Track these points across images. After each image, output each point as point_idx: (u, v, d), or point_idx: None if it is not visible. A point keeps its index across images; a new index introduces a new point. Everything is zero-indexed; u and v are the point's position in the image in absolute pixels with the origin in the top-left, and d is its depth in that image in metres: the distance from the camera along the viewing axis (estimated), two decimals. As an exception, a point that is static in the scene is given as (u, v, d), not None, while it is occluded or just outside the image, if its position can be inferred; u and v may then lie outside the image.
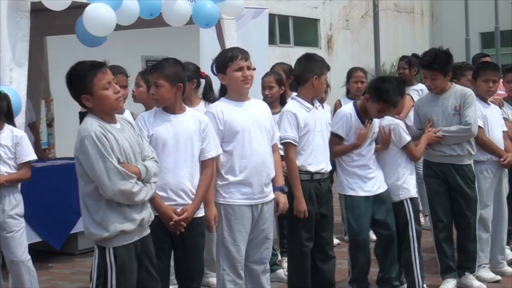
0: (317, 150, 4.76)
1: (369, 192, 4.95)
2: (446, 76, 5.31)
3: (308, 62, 4.85)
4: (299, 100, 4.80)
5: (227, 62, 4.39)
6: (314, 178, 4.75)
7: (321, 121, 4.82)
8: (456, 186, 5.35)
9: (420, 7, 24.83)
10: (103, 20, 5.67)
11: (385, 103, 4.86)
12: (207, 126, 4.24)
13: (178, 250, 4.21)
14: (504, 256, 5.82)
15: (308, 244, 4.77)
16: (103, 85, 3.55)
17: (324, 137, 4.83)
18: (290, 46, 19.27)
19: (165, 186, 4.10)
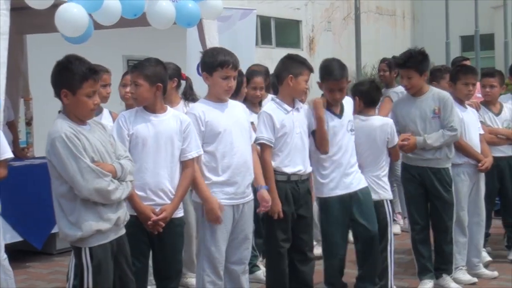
0: (295, 152, 4.74)
1: (346, 189, 4.90)
2: (422, 75, 5.32)
3: (286, 62, 4.84)
4: (278, 101, 4.79)
5: (217, 66, 4.37)
6: (291, 179, 4.74)
7: (301, 123, 4.80)
8: (433, 189, 5.38)
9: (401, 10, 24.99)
10: (75, 21, 5.64)
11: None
12: (188, 126, 4.24)
13: (156, 250, 4.21)
14: (480, 258, 5.87)
15: (284, 245, 4.76)
16: (89, 92, 3.56)
17: (304, 139, 4.80)
18: (272, 47, 19.30)
19: (144, 185, 4.10)
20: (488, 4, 22.20)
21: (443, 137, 5.27)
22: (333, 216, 4.91)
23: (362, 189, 4.95)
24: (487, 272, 5.81)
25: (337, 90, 4.85)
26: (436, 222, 5.45)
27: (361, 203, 4.92)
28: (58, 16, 5.63)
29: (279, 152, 4.72)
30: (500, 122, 6.15)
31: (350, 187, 4.90)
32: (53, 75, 3.59)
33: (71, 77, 3.53)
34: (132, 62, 8.44)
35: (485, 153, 5.76)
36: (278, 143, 4.71)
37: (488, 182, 5.95)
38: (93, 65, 3.65)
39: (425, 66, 5.36)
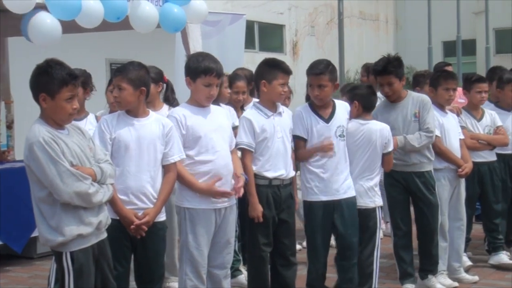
0: (276, 156, 4.74)
1: (332, 196, 4.89)
2: (401, 80, 5.36)
3: (259, 68, 4.84)
4: (259, 106, 4.79)
5: (200, 73, 4.37)
6: (272, 183, 4.73)
7: (282, 127, 4.79)
8: (419, 193, 5.41)
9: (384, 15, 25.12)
10: (47, 32, 5.62)
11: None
12: (170, 130, 4.24)
13: (138, 254, 4.20)
14: (461, 263, 5.90)
15: (265, 249, 4.76)
16: (67, 96, 3.54)
17: (286, 144, 4.80)
18: (255, 51, 19.32)
19: (126, 189, 4.09)
20: (470, 10, 22.38)
21: (420, 138, 5.31)
22: (316, 221, 4.91)
23: (348, 198, 4.92)
24: (468, 276, 5.85)
25: (316, 86, 4.85)
26: (422, 225, 5.48)
27: (344, 212, 4.90)
28: (31, 25, 5.61)
29: (260, 156, 4.72)
30: (481, 128, 6.19)
31: (336, 195, 4.88)
32: (32, 79, 3.57)
33: (51, 81, 3.51)
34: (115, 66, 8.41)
35: (465, 158, 5.80)
36: (259, 148, 4.70)
37: (468, 187, 5.99)
38: (73, 70, 3.63)
39: (402, 71, 5.41)
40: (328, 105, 4.95)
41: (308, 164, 4.92)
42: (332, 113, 4.93)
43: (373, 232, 5.08)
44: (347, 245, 4.94)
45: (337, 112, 4.94)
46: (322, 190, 4.88)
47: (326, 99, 4.91)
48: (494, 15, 21.26)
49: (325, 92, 4.86)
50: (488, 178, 6.22)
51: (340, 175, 4.90)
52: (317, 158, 4.88)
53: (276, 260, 4.85)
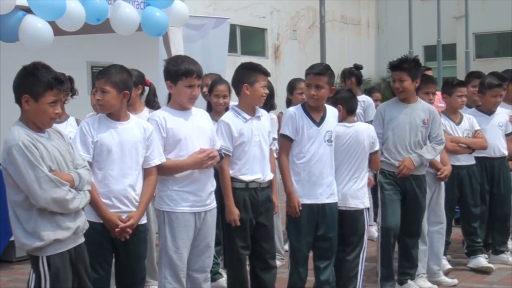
0: (253, 160, 4.74)
1: (316, 199, 4.92)
2: (414, 81, 5.41)
3: (238, 72, 4.84)
4: (237, 110, 4.79)
5: (181, 75, 4.37)
6: (249, 186, 4.73)
7: (260, 131, 4.80)
8: (412, 195, 5.47)
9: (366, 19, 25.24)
10: (39, 36, 5.60)
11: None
12: (151, 134, 4.25)
13: (120, 256, 4.20)
14: (441, 266, 5.95)
15: (243, 252, 4.77)
16: (51, 100, 3.54)
17: (263, 147, 4.80)
18: (237, 55, 19.32)
19: (109, 193, 4.09)
20: (450, 14, 22.55)
21: (435, 150, 5.46)
22: (299, 223, 4.92)
23: (332, 203, 4.96)
24: (447, 279, 5.90)
25: (314, 85, 4.89)
26: (409, 226, 5.52)
27: (327, 216, 4.94)
28: (22, 30, 5.59)
29: (237, 160, 4.72)
30: (460, 131, 6.25)
31: (319, 199, 4.92)
32: (17, 79, 3.56)
33: (36, 83, 3.51)
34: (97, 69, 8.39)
35: (444, 162, 5.86)
36: (236, 152, 4.71)
37: (448, 191, 6.04)
38: (60, 74, 3.62)
39: (417, 73, 5.45)
40: (320, 109, 4.99)
41: (293, 167, 4.94)
42: (323, 117, 4.97)
43: (362, 234, 5.14)
44: (327, 248, 4.98)
45: (328, 117, 4.98)
46: (306, 193, 4.91)
47: (322, 100, 4.95)
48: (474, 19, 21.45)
49: (322, 93, 4.91)
50: (467, 182, 6.28)
51: (324, 180, 4.93)
52: (303, 161, 4.90)
53: (255, 263, 4.86)
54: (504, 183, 6.61)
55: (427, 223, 5.76)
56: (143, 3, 6.67)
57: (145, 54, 8.01)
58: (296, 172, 4.93)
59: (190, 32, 8.39)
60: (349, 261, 5.10)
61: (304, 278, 5.02)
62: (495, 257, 6.58)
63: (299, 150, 4.93)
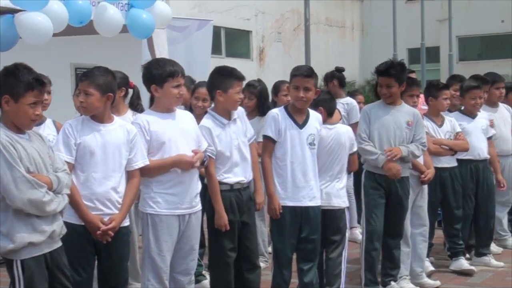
0: (236, 164, 4.74)
1: (299, 202, 4.92)
2: (400, 85, 5.45)
3: (212, 77, 4.82)
4: (214, 115, 4.77)
5: (167, 76, 4.38)
6: (234, 187, 4.73)
7: (237, 134, 4.79)
8: (396, 197, 5.50)
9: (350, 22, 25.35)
10: (39, 29, 5.59)
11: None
12: (135, 137, 4.25)
13: (103, 259, 4.19)
14: (423, 268, 5.98)
15: (231, 254, 4.76)
16: (31, 101, 3.53)
17: (242, 150, 4.78)
18: (222, 57, 19.35)
19: (91, 196, 4.08)
20: (434, 17, 22.69)
21: (418, 149, 5.50)
22: (282, 225, 4.93)
23: (315, 207, 4.97)
24: (430, 281, 5.93)
25: (302, 88, 4.90)
26: (392, 227, 5.55)
27: (311, 219, 4.95)
28: (20, 24, 5.57)
29: (220, 165, 4.71)
30: (443, 134, 6.29)
31: (302, 201, 4.92)
32: None
33: (17, 84, 3.49)
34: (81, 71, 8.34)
35: (428, 165, 5.89)
36: (218, 158, 4.70)
37: (430, 193, 6.07)
38: (41, 76, 3.62)
39: (404, 77, 5.51)
40: (304, 111, 5.00)
41: (277, 169, 4.94)
42: (306, 120, 4.98)
43: (344, 233, 5.20)
44: (310, 250, 5.00)
45: (311, 121, 5.00)
46: (290, 196, 4.91)
47: (309, 102, 4.97)
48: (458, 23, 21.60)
49: (310, 95, 4.93)
50: (449, 184, 6.31)
51: (308, 183, 4.94)
52: (286, 163, 4.91)
53: (242, 265, 4.85)
54: (488, 186, 6.65)
55: (410, 226, 5.79)
56: (127, 4, 6.68)
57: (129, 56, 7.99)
58: (279, 174, 4.93)
59: (174, 34, 8.39)
60: (333, 259, 5.15)
61: (288, 280, 5.02)
62: (478, 259, 6.62)
63: (282, 152, 4.94)
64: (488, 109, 6.98)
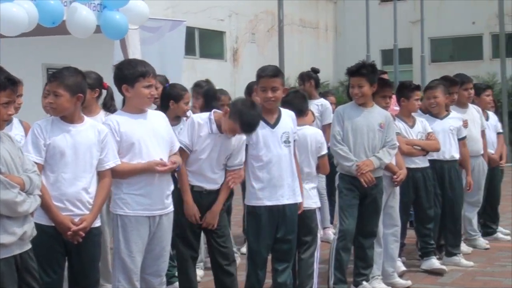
0: (202, 173, 4.77)
1: (276, 201, 4.93)
2: (371, 85, 5.50)
3: (236, 106, 4.75)
4: (211, 118, 4.80)
5: (138, 76, 4.38)
6: (194, 189, 4.76)
7: (221, 149, 4.80)
8: (371, 197, 5.55)
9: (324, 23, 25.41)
10: (16, 21, 5.55)
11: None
12: (106, 137, 4.24)
13: (73, 260, 4.17)
14: (395, 268, 6.03)
15: (190, 253, 4.82)
16: (4, 101, 3.49)
17: (214, 164, 4.80)
18: (196, 58, 19.30)
19: (61, 196, 4.06)
20: (407, 19, 22.85)
21: (390, 154, 5.56)
22: (258, 226, 4.92)
23: (291, 204, 4.97)
24: (401, 281, 5.98)
25: (269, 88, 4.91)
26: (366, 227, 5.60)
27: (287, 218, 4.95)
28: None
29: (188, 166, 4.75)
30: (414, 134, 6.35)
31: (280, 200, 4.92)
32: None
33: None
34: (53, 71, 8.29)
35: (400, 165, 5.94)
36: (191, 155, 4.73)
37: (403, 193, 6.12)
38: (13, 76, 3.59)
39: (375, 78, 5.54)
40: (274, 111, 5.00)
41: (253, 169, 4.94)
42: (278, 119, 4.98)
43: (315, 234, 5.23)
44: (286, 250, 5.00)
45: (283, 119, 5.00)
46: (266, 195, 4.91)
47: (278, 102, 4.99)
48: (430, 24, 21.76)
49: (278, 94, 4.94)
50: (422, 184, 6.37)
51: (285, 181, 4.93)
52: (262, 163, 4.91)
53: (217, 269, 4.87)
54: (455, 187, 6.71)
55: (382, 226, 5.84)
56: (99, 5, 6.65)
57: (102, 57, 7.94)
58: (255, 175, 4.93)
59: (146, 34, 8.37)
60: (305, 260, 5.18)
61: (262, 280, 5.03)
62: (448, 259, 6.70)
63: (256, 153, 4.94)
64: (458, 110, 7.06)
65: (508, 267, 6.59)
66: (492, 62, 21.60)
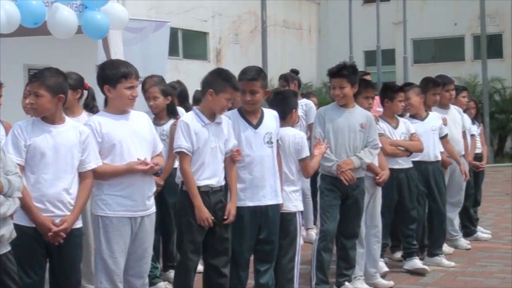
0: (207, 166, 4.69)
1: (258, 201, 4.91)
2: (353, 86, 5.52)
3: (210, 76, 4.80)
4: (197, 112, 4.76)
5: (120, 77, 4.36)
6: (201, 190, 4.66)
7: (217, 137, 4.74)
8: (352, 197, 5.57)
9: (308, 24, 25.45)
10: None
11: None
12: (87, 138, 4.23)
13: (54, 261, 4.15)
14: (377, 269, 6.05)
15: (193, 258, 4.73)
16: None
17: (217, 155, 4.74)
18: (179, 58, 19.25)
19: (42, 197, 4.05)
20: (390, 20, 22.94)
21: (371, 154, 5.58)
22: (241, 227, 4.91)
23: (274, 205, 4.96)
24: (383, 281, 6.01)
25: (248, 91, 4.89)
26: (348, 228, 5.61)
27: (269, 218, 4.93)
28: None
29: (193, 168, 4.67)
30: (398, 135, 6.38)
31: (262, 200, 4.91)
32: None
33: None
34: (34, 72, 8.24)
35: (382, 166, 5.97)
36: (196, 157, 4.67)
37: (387, 194, 6.14)
38: None
39: (356, 79, 5.56)
40: (257, 111, 4.99)
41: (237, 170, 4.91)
42: (260, 119, 4.97)
43: (294, 237, 5.17)
44: (268, 251, 5.00)
45: (266, 119, 4.99)
46: (248, 196, 4.90)
47: (257, 104, 4.96)
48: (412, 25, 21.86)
49: (257, 97, 4.91)
50: (405, 185, 6.39)
51: (267, 181, 4.92)
52: (244, 164, 4.90)
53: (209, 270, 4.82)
54: (439, 188, 6.75)
55: (365, 227, 5.86)
56: (81, 5, 6.62)
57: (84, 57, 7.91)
58: (238, 175, 4.91)
59: (130, 35, 8.35)
60: (284, 265, 5.13)
61: (244, 281, 5.03)
62: (430, 259, 6.73)
63: None
64: (439, 110, 7.10)
65: (489, 267, 6.64)
66: (474, 63, 21.74)
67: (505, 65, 21.87)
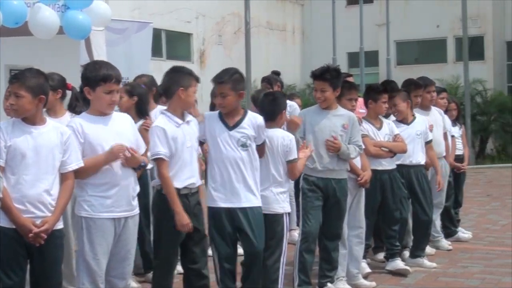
0: (185, 166, 4.69)
1: (233, 203, 4.87)
2: (335, 90, 5.53)
3: (174, 74, 4.77)
4: (168, 115, 4.73)
5: (99, 81, 4.33)
6: (181, 193, 4.67)
7: (191, 136, 4.77)
8: (334, 198, 5.57)
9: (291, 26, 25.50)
10: None
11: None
12: (69, 139, 4.21)
13: (35, 262, 4.13)
14: (360, 269, 6.07)
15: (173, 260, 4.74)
16: None
17: (193, 153, 4.77)
18: (163, 59, 19.22)
19: (22, 198, 4.03)
20: (373, 22, 23.04)
21: (355, 151, 5.60)
22: (218, 227, 4.89)
23: (254, 207, 4.92)
24: (366, 282, 6.02)
25: (218, 94, 4.88)
26: (330, 229, 5.62)
27: (251, 219, 4.89)
28: None
29: (171, 171, 4.66)
30: (382, 136, 6.40)
31: (239, 202, 4.87)
32: None
33: None
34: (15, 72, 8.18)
35: (365, 167, 5.99)
36: (174, 160, 4.66)
37: (370, 195, 6.16)
38: None
39: (338, 83, 5.57)
40: (237, 113, 4.94)
41: (211, 171, 4.91)
42: (238, 122, 4.93)
43: (281, 238, 5.14)
44: (255, 252, 4.96)
45: (245, 122, 4.93)
46: (222, 197, 4.88)
47: (229, 107, 4.89)
48: (395, 27, 21.96)
49: (227, 100, 4.86)
50: (388, 186, 6.41)
51: (242, 183, 4.88)
52: (217, 164, 4.88)
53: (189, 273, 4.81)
54: (423, 191, 6.76)
55: (347, 228, 5.88)
56: (63, 6, 6.59)
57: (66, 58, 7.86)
58: (213, 177, 4.91)
59: (113, 36, 8.32)
60: (269, 266, 5.10)
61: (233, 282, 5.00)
62: (412, 260, 6.75)
63: (215, 155, 4.90)
64: (421, 112, 7.12)
65: (470, 268, 6.68)
66: (456, 65, 21.87)
67: (487, 66, 22.08)
